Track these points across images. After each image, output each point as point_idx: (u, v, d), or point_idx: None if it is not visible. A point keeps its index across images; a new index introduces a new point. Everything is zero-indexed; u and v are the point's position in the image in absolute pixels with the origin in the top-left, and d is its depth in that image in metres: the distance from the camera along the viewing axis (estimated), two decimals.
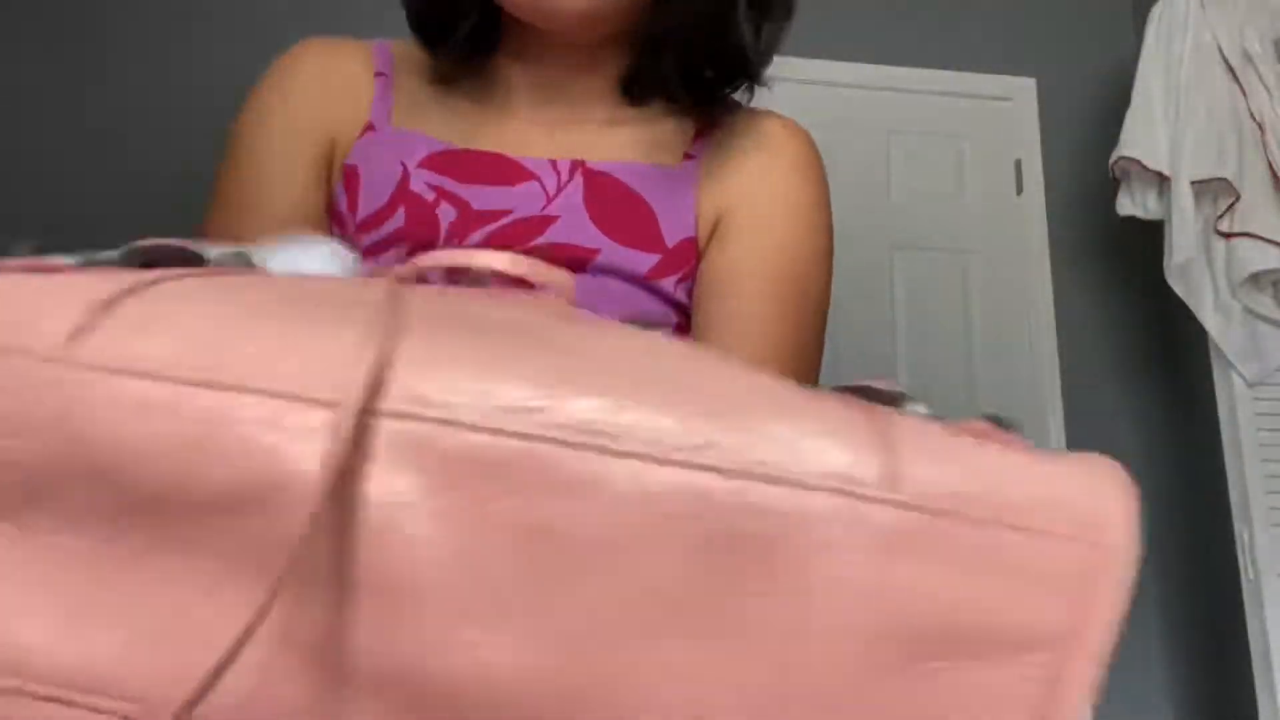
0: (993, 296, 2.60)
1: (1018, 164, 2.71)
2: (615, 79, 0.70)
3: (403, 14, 0.69)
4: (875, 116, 2.65)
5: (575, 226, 0.63)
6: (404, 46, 0.71)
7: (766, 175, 0.67)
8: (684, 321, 0.65)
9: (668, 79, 0.68)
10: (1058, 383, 2.56)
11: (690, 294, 0.65)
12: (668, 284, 0.64)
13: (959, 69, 2.73)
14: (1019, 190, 2.69)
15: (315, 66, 0.68)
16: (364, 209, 0.63)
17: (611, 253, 0.63)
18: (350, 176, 0.65)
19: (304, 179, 0.64)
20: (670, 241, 0.65)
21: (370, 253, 0.62)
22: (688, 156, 0.69)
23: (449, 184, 0.64)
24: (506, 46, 0.70)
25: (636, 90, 0.69)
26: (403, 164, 0.65)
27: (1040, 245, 2.65)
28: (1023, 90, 2.75)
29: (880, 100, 2.66)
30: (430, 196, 0.63)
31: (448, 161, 0.65)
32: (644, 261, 0.64)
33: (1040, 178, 2.69)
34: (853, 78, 2.63)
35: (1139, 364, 2.64)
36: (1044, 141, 2.72)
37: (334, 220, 0.65)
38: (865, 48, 2.68)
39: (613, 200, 0.65)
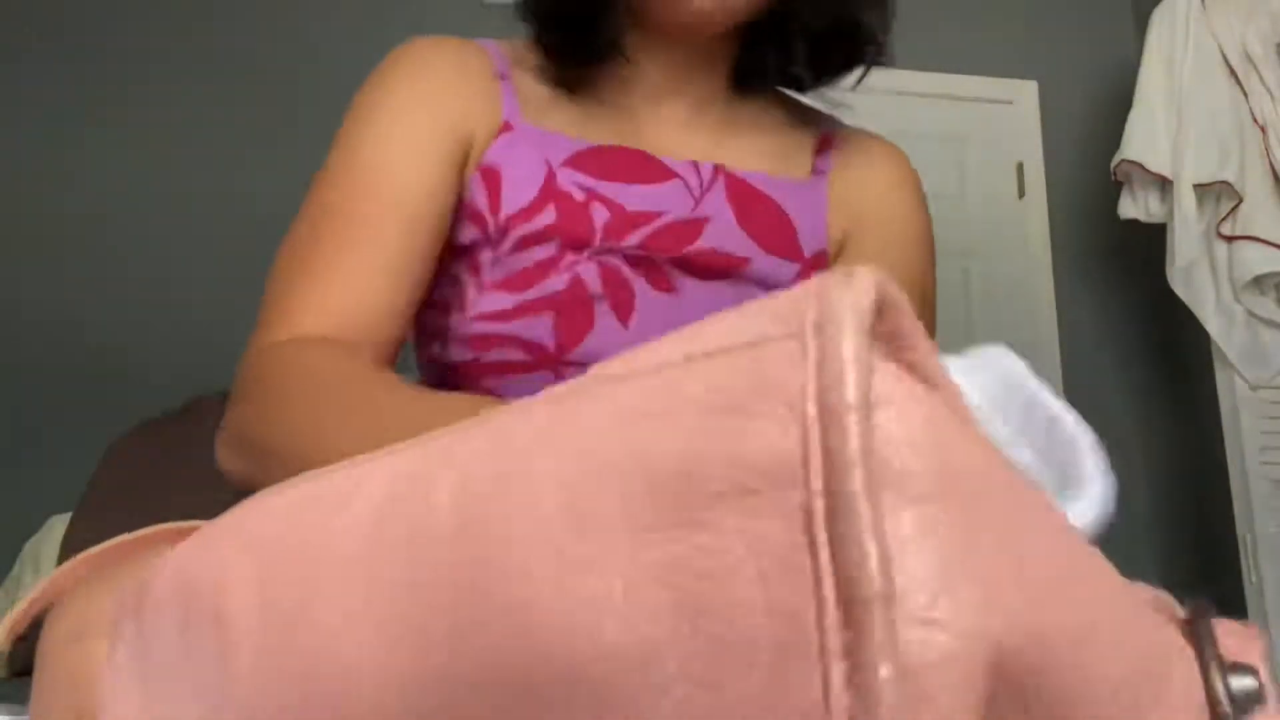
0: (995, 299, 2.60)
1: (1019, 167, 2.71)
2: (727, 74, 0.70)
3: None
4: (877, 120, 2.65)
5: (726, 232, 0.64)
6: (510, 48, 0.70)
7: (889, 198, 0.71)
8: None
9: (792, 64, 0.69)
10: (1060, 385, 2.56)
11: None
12: None
13: (961, 72, 2.73)
14: (1021, 193, 2.69)
15: (446, 63, 0.65)
16: (509, 205, 0.62)
17: (760, 261, 0.64)
18: (489, 175, 0.63)
19: (440, 173, 0.61)
20: (808, 253, 0.66)
21: (523, 245, 0.61)
22: (816, 172, 0.71)
23: (597, 184, 0.63)
24: (635, 43, 0.68)
25: (756, 80, 0.70)
26: (546, 161, 0.63)
27: (1042, 248, 2.65)
28: (1025, 93, 2.76)
29: (882, 103, 2.66)
30: (580, 196, 0.62)
31: (591, 159, 0.64)
32: (788, 270, 0.65)
33: (1042, 180, 2.69)
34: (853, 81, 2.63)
35: (1141, 367, 2.64)
36: (1046, 144, 2.72)
37: (468, 218, 0.63)
38: None
39: (757, 208, 0.66)
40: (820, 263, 0.67)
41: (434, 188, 0.61)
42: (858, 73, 0.73)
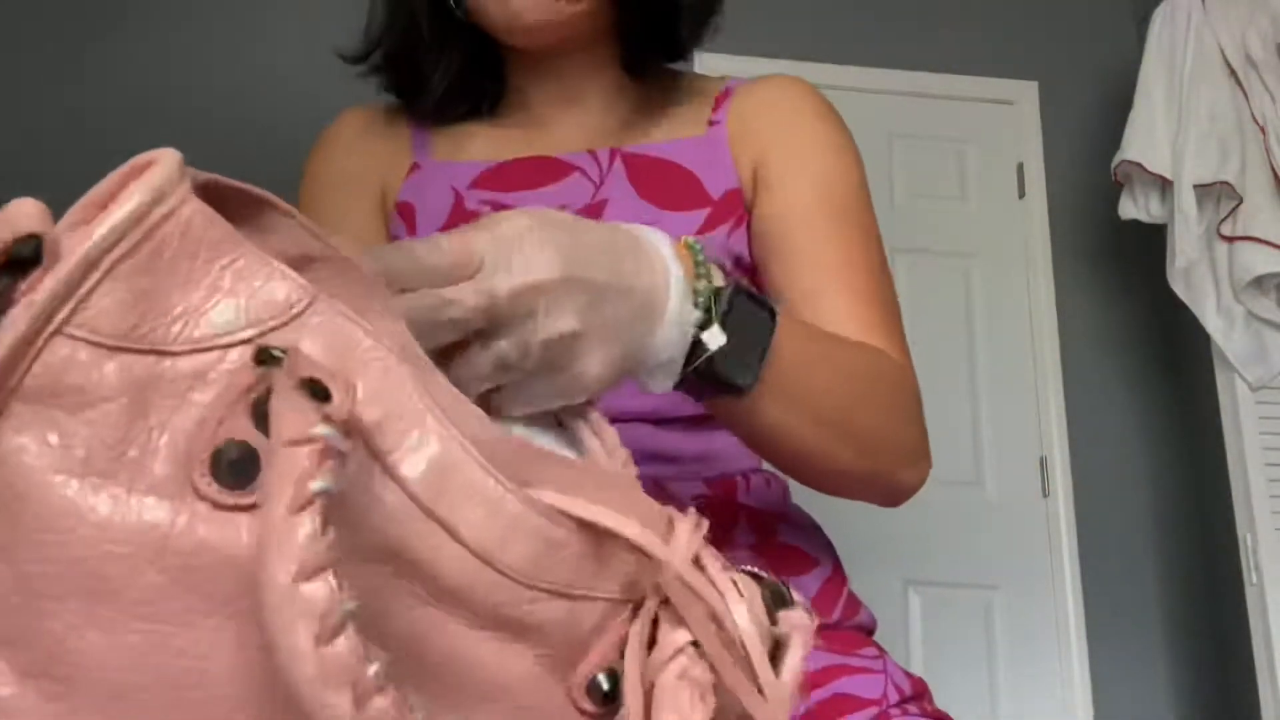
0: (995, 300, 2.60)
1: (1020, 167, 2.70)
2: (616, 69, 0.75)
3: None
4: (877, 120, 2.65)
5: (626, 207, 0.67)
6: None
7: (793, 121, 0.73)
8: (739, 272, 0.69)
9: (662, 47, 0.74)
10: (1060, 387, 2.55)
11: (746, 243, 0.70)
12: (720, 234, 0.68)
13: (961, 73, 2.73)
14: (1021, 194, 2.69)
15: (354, 129, 0.76)
16: (424, 233, 0.67)
17: (665, 221, 0.67)
18: (405, 211, 0.71)
19: (364, 225, 0.72)
20: (716, 195, 0.69)
21: None
22: (712, 123, 0.74)
23: (502, 197, 0.69)
24: (515, 69, 0.75)
25: (641, 68, 0.75)
26: (453, 189, 0.70)
27: (1042, 249, 2.65)
28: (1025, 93, 2.75)
29: (882, 104, 2.65)
30: (487, 211, 0.66)
31: (495, 176, 0.71)
32: (694, 220, 0.68)
33: (1042, 181, 2.69)
34: (854, 81, 2.62)
35: (1141, 368, 2.64)
36: (1046, 145, 2.72)
37: None
38: (867, 52, 2.68)
39: (655, 174, 0.70)
40: (733, 199, 0.70)
41: (359, 231, 0.70)
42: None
